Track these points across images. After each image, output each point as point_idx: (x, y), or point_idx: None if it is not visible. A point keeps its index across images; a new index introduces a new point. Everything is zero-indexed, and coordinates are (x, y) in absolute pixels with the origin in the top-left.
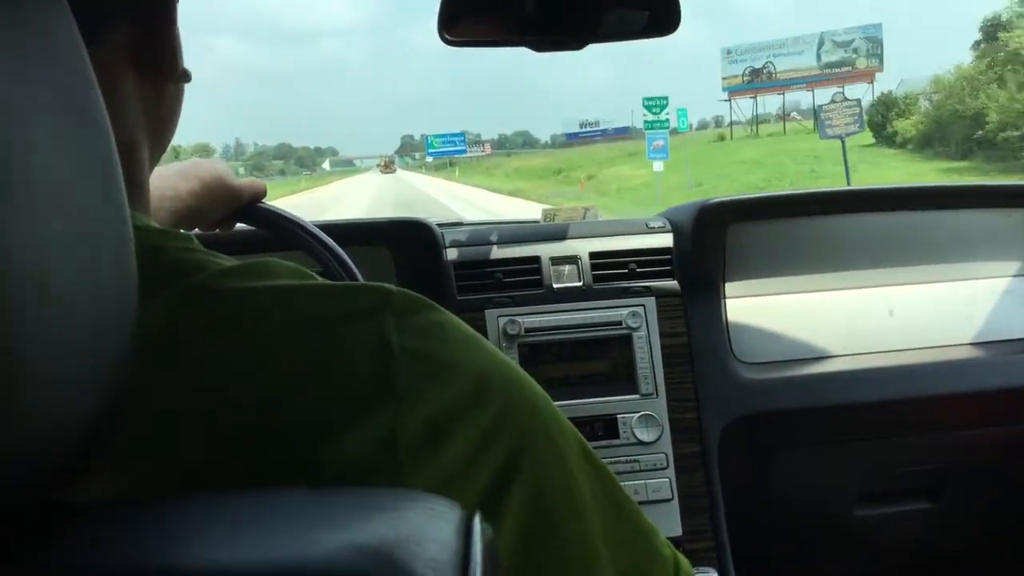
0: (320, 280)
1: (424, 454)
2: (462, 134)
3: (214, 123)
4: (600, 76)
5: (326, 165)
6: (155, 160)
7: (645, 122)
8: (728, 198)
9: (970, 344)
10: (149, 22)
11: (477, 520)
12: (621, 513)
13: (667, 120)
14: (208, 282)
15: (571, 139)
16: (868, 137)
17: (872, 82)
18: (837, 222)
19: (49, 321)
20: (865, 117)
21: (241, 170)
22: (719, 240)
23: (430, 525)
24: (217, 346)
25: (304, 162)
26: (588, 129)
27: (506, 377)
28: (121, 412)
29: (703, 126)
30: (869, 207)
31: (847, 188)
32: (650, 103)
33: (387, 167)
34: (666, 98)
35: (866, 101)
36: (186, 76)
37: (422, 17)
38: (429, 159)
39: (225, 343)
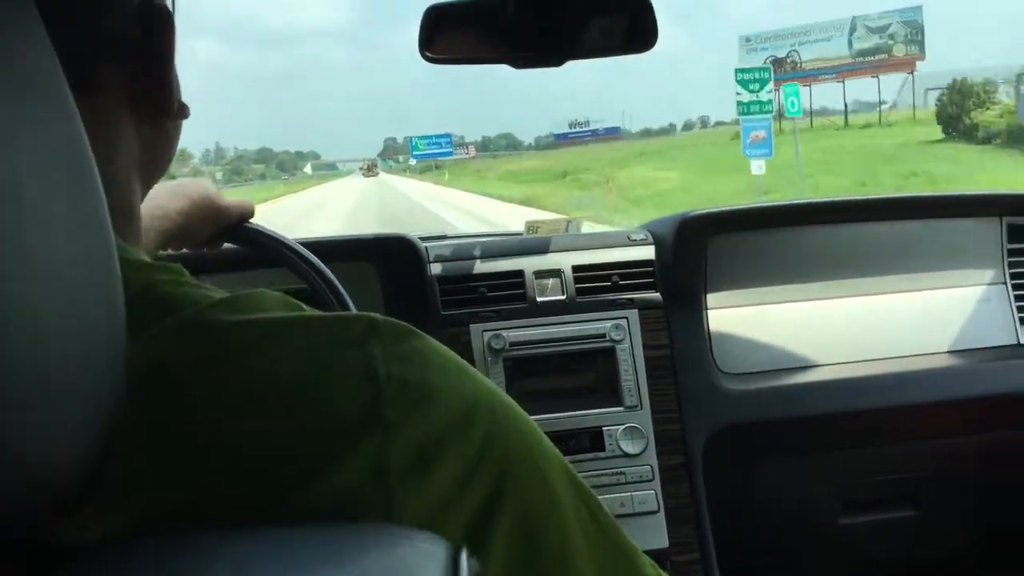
0: (308, 311)
1: (413, 481)
2: (448, 136)
3: (193, 128)
4: (586, 77)
5: (307, 169)
6: (149, 189)
7: (739, 104)
8: (708, 210)
9: (948, 352)
10: (146, 62)
11: (464, 557)
12: (606, 536)
13: (770, 102)
14: (198, 317)
15: (560, 139)
16: (935, 131)
17: (912, 72)
18: (816, 233)
19: (38, 362)
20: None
21: (219, 174)
22: (700, 252)
23: (418, 564)
24: (208, 381)
25: (285, 166)
26: (578, 130)
27: (492, 403)
28: (114, 450)
29: (688, 126)
30: (846, 218)
31: (824, 199)
32: (746, 77)
33: (369, 170)
34: (767, 70)
35: (904, 94)
36: (184, 112)
37: (403, 20)
38: (413, 162)
39: (215, 377)
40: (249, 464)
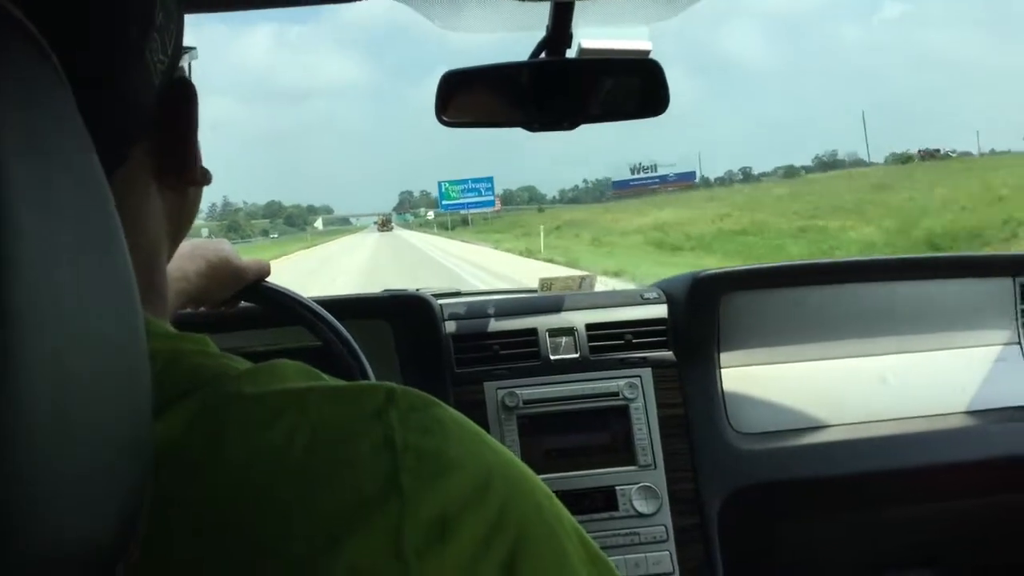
0: (327, 380)
1: (430, 553)
2: (489, 180)
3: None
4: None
5: (318, 224)
6: (172, 255)
7: None
8: (722, 270)
9: (964, 413)
10: (171, 134)
11: None
12: None
13: None
14: (224, 389)
15: (620, 188)
16: None
17: None
18: (828, 292)
19: (66, 439)
20: None
21: (204, 231)
22: (713, 310)
23: None
24: (233, 454)
25: (294, 221)
26: (643, 176)
27: (508, 472)
28: (141, 523)
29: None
30: (858, 278)
31: (837, 260)
32: None
33: (384, 225)
34: None
35: None
36: (207, 178)
37: (417, 76)
38: (431, 215)
39: (240, 450)
40: (269, 537)
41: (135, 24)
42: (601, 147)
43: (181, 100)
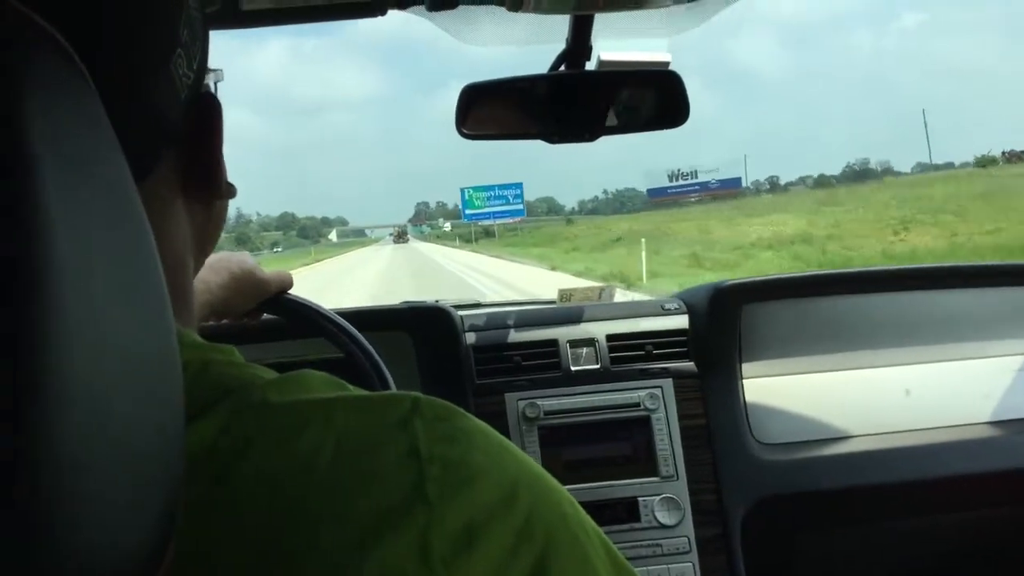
0: (352, 390)
1: (457, 561)
2: (518, 185)
3: None
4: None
5: (332, 236)
6: (199, 267)
7: None
8: (742, 280)
9: (988, 423)
10: (197, 147)
11: None
12: None
13: None
14: (252, 398)
15: (657, 196)
16: None
17: None
18: (850, 302)
19: (102, 449)
20: None
21: None
22: (734, 321)
23: None
24: (262, 460)
25: (308, 232)
26: (682, 183)
27: (533, 481)
28: (173, 535)
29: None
30: (881, 288)
31: (859, 269)
32: None
33: (400, 237)
34: None
35: None
36: (231, 191)
37: (434, 88)
38: (447, 226)
39: (268, 459)
40: (296, 545)
41: (160, 37)
42: (619, 159)
43: (207, 115)
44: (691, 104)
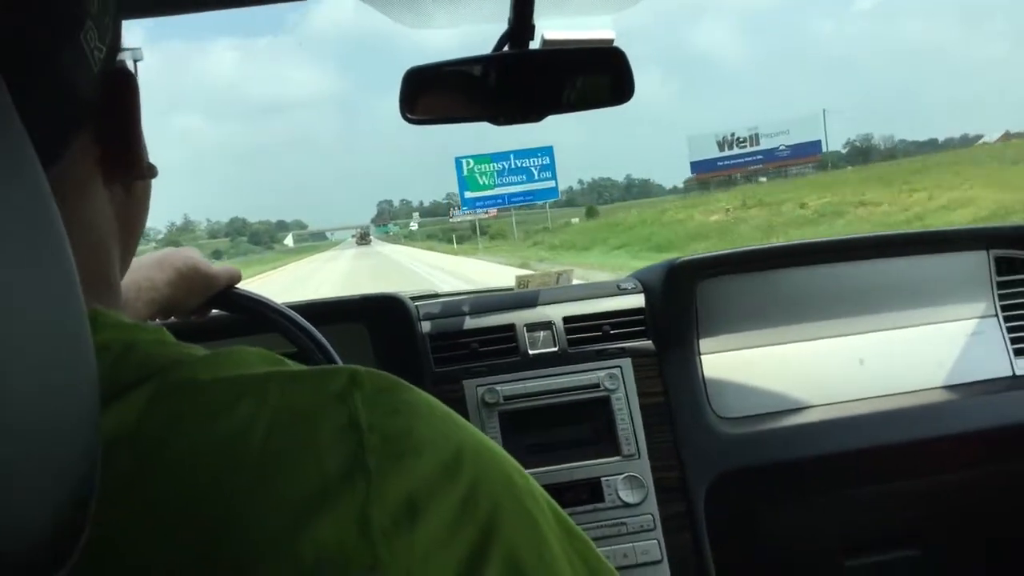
0: (290, 365)
1: (399, 532)
2: (547, 150)
3: (166, 201)
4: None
5: (288, 240)
6: (128, 255)
7: None
8: (697, 256)
9: (942, 387)
10: (112, 125)
11: None
12: None
13: None
14: (180, 376)
15: (703, 171)
16: None
17: None
18: (805, 274)
19: (8, 432)
20: None
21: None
22: (690, 297)
23: None
24: (190, 440)
25: (260, 238)
26: (739, 152)
27: (477, 450)
28: (89, 514)
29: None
30: (834, 258)
31: (809, 241)
32: None
33: (362, 239)
34: None
35: None
36: (152, 171)
37: (390, 85)
38: (414, 226)
39: (197, 436)
40: (232, 522)
41: (68, 8)
42: (584, 142)
43: (122, 90)
44: (735, 49)
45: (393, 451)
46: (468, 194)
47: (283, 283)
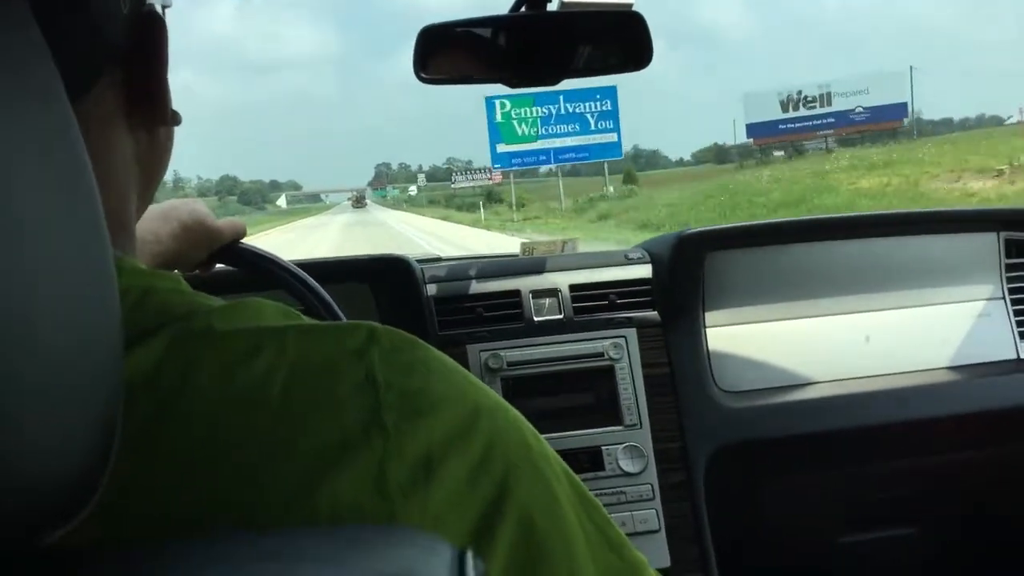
0: (306, 320)
1: (415, 490)
2: (610, 91)
3: None
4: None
5: (281, 202)
6: (145, 202)
7: None
8: (706, 228)
9: (948, 368)
10: (139, 68)
11: (469, 556)
12: (610, 544)
13: None
14: (197, 324)
15: (764, 135)
16: None
17: None
18: (813, 250)
19: (35, 369)
20: None
21: None
22: (697, 270)
23: (422, 562)
24: (207, 388)
25: (251, 198)
26: (804, 115)
27: (493, 410)
28: (113, 455)
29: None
30: (843, 235)
31: (822, 216)
32: None
33: (358, 202)
34: None
35: None
36: (176, 119)
37: (392, 47)
38: (413, 190)
39: (213, 387)
40: (246, 473)
41: None
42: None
43: (151, 33)
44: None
45: (410, 408)
46: (501, 147)
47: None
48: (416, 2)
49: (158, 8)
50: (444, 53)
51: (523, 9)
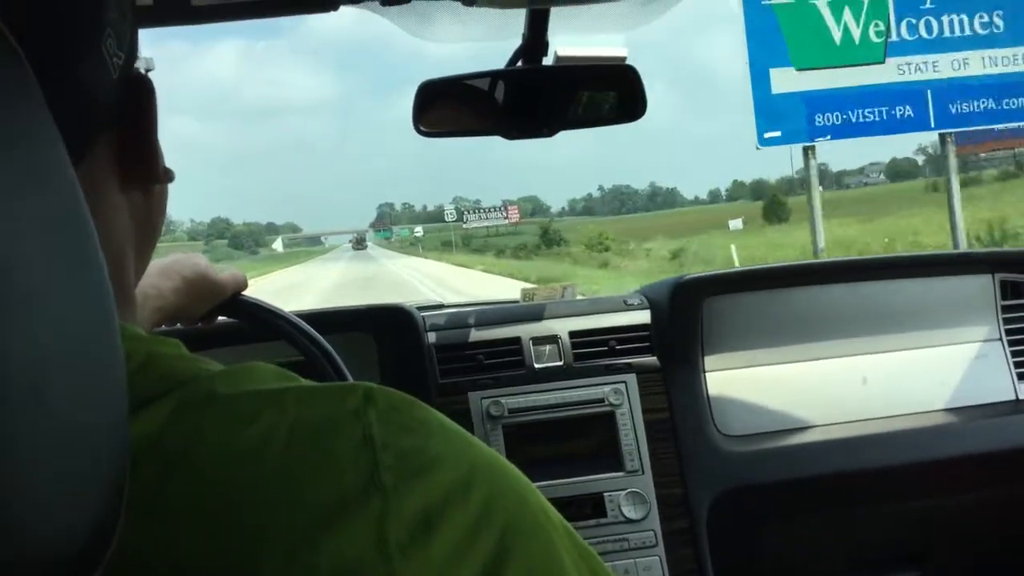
0: (304, 382)
1: (414, 549)
2: None
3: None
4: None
5: (276, 245)
6: (143, 262)
7: None
8: (704, 274)
9: (946, 410)
10: (132, 132)
11: None
12: None
13: None
14: (201, 389)
15: (966, 140)
16: None
17: None
18: (810, 293)
19: (43, 437)
20: None
21: None
22: (696, 315)
23: None
24: (212, 450)
25: (242, 241)
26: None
27: (490, 467)
28: (122, 519)
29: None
30: (839, 279)
31: (818, 261)
32: None
33: (358, 244)
34: None
35: None
36: (169, 175)
37: (392, 88)
38: (419, 231)
39: (217, 448)
40: (249, 530)
41: (90, 16)
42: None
43: (140, 96)
44: None
45: (408, 468)
46: (780, 81)
47: None
48: (417, 51)
49: (142, 71)
50: (442, 107)
51: (520, 63)
